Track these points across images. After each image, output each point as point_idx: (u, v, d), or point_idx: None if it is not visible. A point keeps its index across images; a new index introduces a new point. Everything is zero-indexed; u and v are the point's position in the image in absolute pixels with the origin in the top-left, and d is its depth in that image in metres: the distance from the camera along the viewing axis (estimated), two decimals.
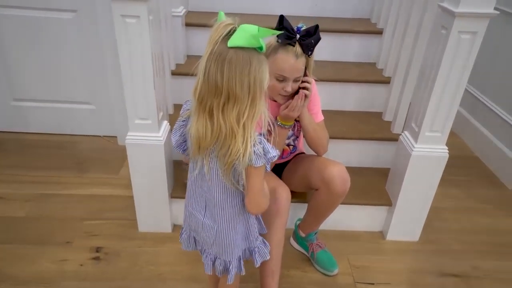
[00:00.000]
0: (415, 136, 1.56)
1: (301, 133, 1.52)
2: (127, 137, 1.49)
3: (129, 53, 1.33)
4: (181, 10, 1.95)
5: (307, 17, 2.35)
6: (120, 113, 2.10)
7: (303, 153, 1.66)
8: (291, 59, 1.22)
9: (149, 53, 1.33)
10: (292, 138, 1.53)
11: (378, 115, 2.04)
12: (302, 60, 1.24)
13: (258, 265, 1.14)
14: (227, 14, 0.86)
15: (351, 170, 1.87)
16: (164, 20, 1.69)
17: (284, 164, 1.61)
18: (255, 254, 1.12)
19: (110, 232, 1.70)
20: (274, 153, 0.91)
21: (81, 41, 2.12)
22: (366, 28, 2.18)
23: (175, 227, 1.76)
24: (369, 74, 2.06)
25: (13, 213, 1.78)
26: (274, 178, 1.41)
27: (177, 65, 2.00)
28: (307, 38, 1.22)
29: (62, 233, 1.69)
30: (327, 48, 2.17)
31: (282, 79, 1.27)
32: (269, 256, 1.15)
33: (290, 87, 1.28)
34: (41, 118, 2.35)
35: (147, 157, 1.52)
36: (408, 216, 1.70)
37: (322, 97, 1.97)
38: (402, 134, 1.67)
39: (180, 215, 1.75)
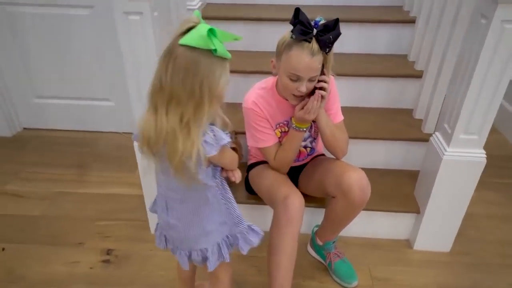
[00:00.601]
0: (448, 139, 1.40)
1: (319, 134, 1.40)
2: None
3: (133, 52, 1.26)
4: (196, 3, 1.86)
5: (333, 6, 2.20)
6: (138, 109, 2.05)
7: (323, 155, 1.54)
8: (306, 57, 1.11)
9: (153, 51, 1.25)
10: (309, 140, 1.42)
11: (408, 112, 1.87)
12: (318, 58, 1.12)
13: (245, 252, 1.07)
14: (246, 6, 0.81)
15: (376, 172, 1.76)
16: (176, 14, 1.61)
17: (302, 167, 1.50)
18: (238, 240, 1.06)
19: (122, 233, 1.67)
20: (227, 139, 0.87)
21: (98, 37, 2.08)
22: (398, 16, 1.99)
23: None
24: (399, 67, 1.89)
25: (29, 211, 1.78)
26: (286, 184, 1.31)
27: None
28: (325, 34, 1.10)
29: (75, 233, 1.67)
30: (354, 40, 2.01)
31: (296, 79, 1.16)
32: (257, 243, 1.07)
33: (304, 87, 1.17)
34: (62, 115, 2.36)
35: None
36: (438, 224, 1.54)
37: (347, 93, 1.83)
38: (433, 135, 1.51)
39: None
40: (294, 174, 1.49)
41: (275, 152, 1.35)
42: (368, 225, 1.64)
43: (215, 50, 0.77)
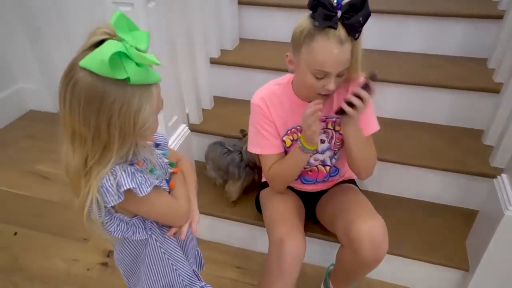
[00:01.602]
0: None
1: (343, 149, 1.14)
2: None
3: None
4: None
5: None
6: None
7: (353, 181, 1.27)
8: (334, 48, 0.87)
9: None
10: (328, 153, 1.14)
11: (476, 135, 1.48)
12: (347, 47, 0.89)
13: None
14: None
15: (423, 206, 1.44)
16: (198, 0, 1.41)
17: (322, 192, 1.25)
18: None
19: None
20: (130, 185, 0.64)
21: None
22: (478, 10, 1.57)
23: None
24: (473, 76, 1.50)
25: (50, 196, 1.78)
26: (287, 221, 1.08)
27: (224, 51, 1.71)
28: (353, 15, 0.85)
29: (83, 228, 1.61)
30: (415, 36, 1.65)
31: (322, 76, 0.92)
32: None
33: (333, 84, 0.93)
34: None
35: None
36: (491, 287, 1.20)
37: (398, 104, 1.51)
38: (499, 178, 1.15)
39: (200, 228, 1.54)
40: (312, 200, 1.24)
41: (271, 162, 1.11)
42: (402, 271, 1.34)
43: (128, 78, 0.56)
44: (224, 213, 1.44)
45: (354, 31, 0.87)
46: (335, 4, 0.86)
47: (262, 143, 1.10)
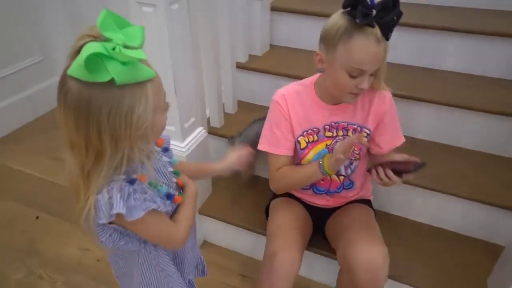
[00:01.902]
0: None
1: (361, 162, 1.10)
2: None
3: (147, 47, 1.10)
4: None
5: (438, 6, 1.72)
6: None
7: (368, 201, 1.21)
8: (372, 46, 0.87)
9: (166, 51, 1.08)
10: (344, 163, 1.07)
11: (510, 164, 1.37)
12: (384, 45, 0.88)
13: None
14: None
15: (444, 234, 1.37)
16: (227, 4, 1.40)
17: (334, 210, 1.20)
18: None
19: None
20: (122, 210, 0.61)
21: None
22: None
23: (205, 244, 1.55)
24: None
25: None
26: (285, 235, 1.05)
27: (252, 56, 1.70)
28: (386, 14, 0.84)
29: None
30: (458, 54, 1.55)
31: (357, 74, 0.91)
32: None
33: (367, 82, 0.92)
34: None
35: None
36: None
37: (429, 124, 1.46)
38: None
39: (212, 232, 1.53)
40: (323, 215, 1.20)
41: (281, 165, 1.09)
42: None
43: (114, 79, 0.54)
44: (236, 220, 1.42)
45: (388, 30, 0.86)
46: (369, 3, 0.85)
47: (274, 141, 1.08)
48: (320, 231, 1.22)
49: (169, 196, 0.72)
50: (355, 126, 1.05)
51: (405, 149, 1.03)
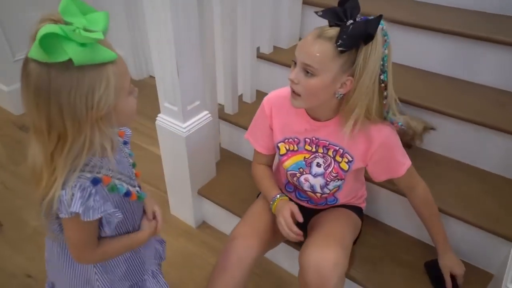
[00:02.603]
0: None
1: (349, 181, 1.07)
2: (157, 118, 1.38)
3: (156, 30, 1.16)
4: None
5: (486, 13, 1.57)
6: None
7: (357, 208, 1.17)
8: (308, 37, 0.86)
9: (171, 34, 1.12)
10: (320, 180, 1.05)
11: None
12: (322, 45, 0.83)
13: None
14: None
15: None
16: None
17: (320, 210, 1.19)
18: None
19: None
20: (78, 209, 0.64)
21: None
22: None
23: (203, 224, 1.61)
24: None
25: None
26: (251, 222, 1.09)
27: (277, 48, 1.70)
28: (354, 27, 0.81)
29: None
30: (493, 67, 1.41)
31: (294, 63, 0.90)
32: None
33: (293, 73, 0.89)
34: None
35: (171, 144, 1.39)
36: None
37: (451, 138, 1.39)
38: None
39: (211, 214, 1.58)
40: (306, 215, 1.19)
41: (259, 161, 1.18)
42: None
43: (72, 60, 0.56)
44: (233, 208, 1.44)
45: (338, 37, 0.81)
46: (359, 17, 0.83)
47: (255, 136, 1.14)
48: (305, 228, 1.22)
49: (127, 194, 0.75)
50: (337, 148, 1.00)
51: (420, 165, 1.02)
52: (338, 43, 0.80)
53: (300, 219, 1.00)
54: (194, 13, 1.17)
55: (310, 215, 1.18)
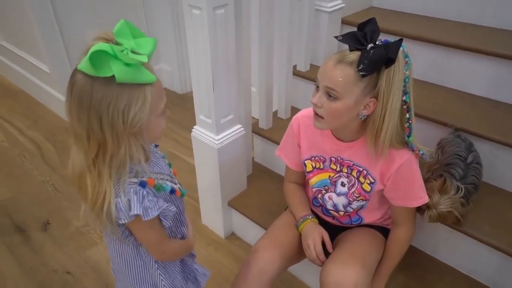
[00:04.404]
0: None
1: (374, 201, 1.07)
2: (193, 130, 1.44)
3: (194, 46, 1.24)
4: (331, 6, 1.62)
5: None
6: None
7: (385, 229, 1.15)
8: (330, 62, 0.87)
9: (208, 50, 1.19)
10: (343, 200, 1.07)
11: None
12: (344, 70, 0.84)
13: None
14: (417, 16, 0.62)
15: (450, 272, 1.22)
16: (290, 11, 1.46)
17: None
18: None
19: None
20: (139, 211, 0.70)
21: None
22: None
23: (231, 235, 1.64)
24: None
25: None
26: (274, 235, 1.10)
27: (313, 66, 1.72)
28: (374, 51, 0.82)
29: None
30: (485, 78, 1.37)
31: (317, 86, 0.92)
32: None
33: (316, 97, 0.90)
34: None
35: (204, 155, 1.44)
36: None
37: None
38: None
39: (240, 226, 1.61)
40: (333, 233, 1.19)
41: (290, 177, 1.21)
42: None
43: (115, 77, 0.62)
44: (261, 221, 1.46)
45: (360, 62, 0.82)
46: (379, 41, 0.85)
47: (286, 153, 1.17)
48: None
49: (172, 191, 0.80)
50: (361, 169, 1.01)
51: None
52: (360, 68, 0.81)
53: (331, 249, 1.03)
54: (231, 29, 1.23)
55: (335, 232, 1.18)
